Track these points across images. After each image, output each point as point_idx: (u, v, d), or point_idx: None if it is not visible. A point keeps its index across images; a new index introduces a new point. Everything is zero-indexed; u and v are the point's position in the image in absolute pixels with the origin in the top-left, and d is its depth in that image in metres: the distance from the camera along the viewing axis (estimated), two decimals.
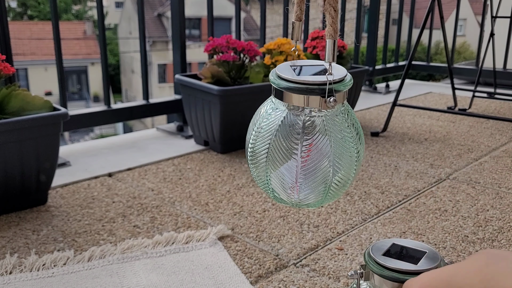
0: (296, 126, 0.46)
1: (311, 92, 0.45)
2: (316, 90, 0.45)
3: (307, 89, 0.45)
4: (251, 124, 0.51)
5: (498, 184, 1.27)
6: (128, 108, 1.69)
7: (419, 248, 0.49)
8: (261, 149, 0.48)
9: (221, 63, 1.49)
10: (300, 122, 0.46)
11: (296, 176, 0.47)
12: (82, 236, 0.98)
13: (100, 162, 1.42)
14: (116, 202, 1.14)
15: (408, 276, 0.46)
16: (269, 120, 0.48)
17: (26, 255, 0.90)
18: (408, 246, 0.50)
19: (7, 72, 1.05)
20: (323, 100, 0.45)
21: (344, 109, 0.48)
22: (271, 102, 0.49)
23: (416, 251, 0.49)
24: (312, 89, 0.45)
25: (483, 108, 2.20)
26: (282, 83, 0.46)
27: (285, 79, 0.46)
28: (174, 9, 1.73)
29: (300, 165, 0.47)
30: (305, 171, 0.47)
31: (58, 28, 1.47)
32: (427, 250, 0.49)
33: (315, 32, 1.80)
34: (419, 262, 0.47)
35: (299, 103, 0.46)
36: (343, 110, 0.48)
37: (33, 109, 1.06)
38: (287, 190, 0.49)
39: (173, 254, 0.90)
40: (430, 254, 0.48)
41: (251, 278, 0.84)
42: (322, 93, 0.45)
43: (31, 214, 1.07)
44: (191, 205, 1.13)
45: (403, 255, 0.49)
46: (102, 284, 0.81)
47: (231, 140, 1.51)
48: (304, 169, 0.47)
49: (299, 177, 0.47)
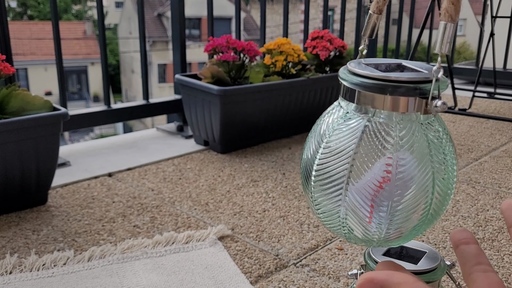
0: (386, 138, 0.35)
1: (409, 92, 0.35)
2: (416, 89, 0.35)
3: (405, 88, 0.35)
4: (312, 139, 0.39)
5: (498, 184, 1.27)
6: (128, 108, 1.69)
7: (419, 248, 0.49)
8: (335, 172, 0.36)
9: (221, 63, 1.49)
10: (392, 132, 0.35)
11: (389, 205, 0.36)
12: (82, 236, 0.98)
13: (100, 162, 1.42)
14: (116, 202, 1.14)
15: None
16: (344, 132, 0.36)
17: (26, 255, 0.90)
18: (408, 246, 0.50)
19: (7, 72, 1.05)
20: (424, 102, 0.34)
21: None
22: (339, 108, 0.38)
23: (416, 251, 0.49)
24: (410, 88, 0.34)
25: (483, 108, 2.20)
26: (366, 81, 0.35)
27: (368, 77, 0.35)
28: (174, 9, 1.73)
29: (395, 188, 0.35)
30: (400, 195, 0.35)
31: (58, 28, 1.47)
32: (427, 250, 0.49)
33: (315, 32, 1.80)
34: (419, 262, 0.47)
35: (389, 107, 0.35)
36: None
37: (33, 109, 1.06)
38: (372, 224, 0.37)
39: (173, 254, 0.90)
40: (430, 254, 0.48)
41: (251, 278, 0.84)
42: (421, 94, 0.35)
43: (31, 214, 1.07)
44: (191, 205, 1.13)
45: (403, 255, 0.49)
46: (102, 284, 0.81)
47: (231, 140, 1.51)
48: (399, 193, 0.35)
49: (393, 204, 0.36)
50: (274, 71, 1.62)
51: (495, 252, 0.93)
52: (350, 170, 0.35)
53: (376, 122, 0.35)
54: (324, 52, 1.73)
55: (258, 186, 1.24)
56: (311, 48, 1.77)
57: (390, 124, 0.35)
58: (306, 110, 1.69)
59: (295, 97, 1.62)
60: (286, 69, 1.64)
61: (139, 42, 1.73)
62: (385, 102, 0.34)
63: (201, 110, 1.49)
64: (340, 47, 1.78)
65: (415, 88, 0.34)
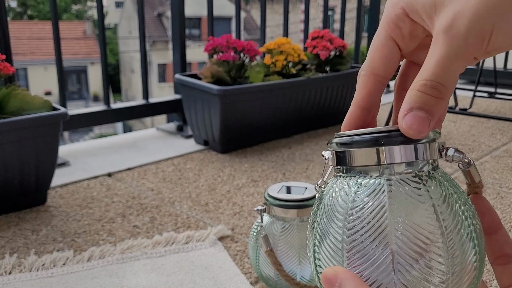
0: (420, 196, 0.27)
1: None
2: None
3: None
4: (323, 223, 0.30)
5: (499, 184, 1.27)
6: (127, 107, 1.69)
7: (301, 186, 0.78)
8: (368, 255, 0.27)
9: (221, 63, 1.49)
10: (421, 187, 0.28)
11: None
12: (81, 236, 0.98)
13: (100, 162, 1.42)
14: (115, 202, 1.14)
15: (295, 202, 0.73)
16: (366, 205, 0.28)
17: (25, 255, 0.90)
18: (293, 185, 0.78)
19: (7, 72, 1.04)
20: (436, 150, 0.29)
21: None
22: (341, 180, 0.30)
23: (299, 188, 0.77)
24: None
25: (483, 108, 2.20)
26: (370, 137, 0.28)
27: (365, 134, 0.28)
28: (174, 8, 1.73)
29: (450, 258, 0.27)
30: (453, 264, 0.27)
31: (58, 28, 1.47)
32: (307, 186, 0.78)
33: (315, 32, 1.79)
34: (304, 193, 0.76)
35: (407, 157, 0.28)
36: None
37: (33, 109, 1.06)
38: None
39: (173, 254, 0.90)
40: (309, 188, 0.77)
41: (251, 278, 0.83)
42: None
43: (30, 214, 1.07)
44: (191, 205, 1.12)
45: (291, 191, 0.77)
46: (102, 284, 0.81)
47: (231, 140, 1.51)
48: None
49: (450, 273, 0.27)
50: (274, 70, 1.62)
51: None
52: (395, 248, 0.27)
53: (398, 182, 0.28)
54: (324, 52, 1.72)
55: (258, 186, 1.24)
56: (311, 48, 1.76)
57: (410, 177, 0.29)
58: (306, 110, 1.69)
59: (295, 97, 1.62)
60: (286, 69, 1.63)
61: (139, 42, 1.73)
62: (406, 152, 0.28)
63: (201, 110, 1.49)
64: (340, 47, 1.78)
65: None
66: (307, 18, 2.22)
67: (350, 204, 0.28)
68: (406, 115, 0.25)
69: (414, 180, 0.28)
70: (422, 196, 0.27)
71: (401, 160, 0.28)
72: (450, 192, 0.28)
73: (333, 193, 0.30)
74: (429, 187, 0.28)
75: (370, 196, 0.28)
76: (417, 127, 0.25)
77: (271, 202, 0.75)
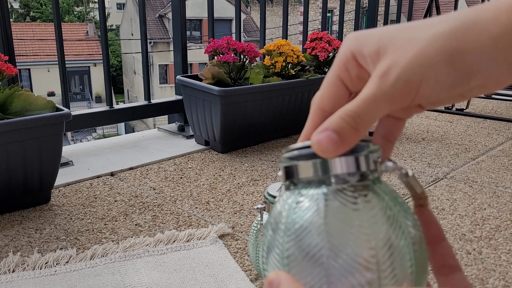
0: (356, 208, 0.28)
1: None
2: None
3: None
4: (269, 236, 0.30)
5: (495, 183, 1.29)
6: (130, 108, 1.70)
7: None
8: None
9: (221, 64, 1.51)
10: (358, 199, 0.28)
11: None
12: (84, 234, 0.99)
13: (102, 161, 1.43)
14: (118, 201, 1.15)
15: None
16: (301, 221, 0.28)
17: (29, 253, 0.92)
18: None
19: (10, 73, 1.06)
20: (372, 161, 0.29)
21: None
22: (287, 193, 0.31)
23: None
24: None
25: (480, 108, 2.21)
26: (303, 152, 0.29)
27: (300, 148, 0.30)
28: (175, 10, 1.75)
29: None
30: None
31: (61, 29, 1.49)
32: None
33: (314, 34, 1.81)
34: None
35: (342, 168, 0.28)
36: None
37: (36, 110, 1.08)
38: None
39: (175, 252, 0.92)
40: None
41: (251, 275, 0.85)
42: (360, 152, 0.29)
43: (34, 213, 1.09)
44: (192, 204, 1.14)
45: None
46: (104, 282, 0.82)
47: (231, 140, 1.52)
48: None
49: None
50: (274, 72, 1.64)
51: (492, 251, 0.94)
52: None
53: (338, 193, 0.28)
54: (323, 53, 1.74)
55: (258, 185, 1.25)
56: (310, 49, 1.78)
57: (345, 186, 0.29)
58: (306, 110, 1.70)
59: (295, 97, 1.64)
60: (285, 70, 1.65)
61: (141, 43, 1.75)
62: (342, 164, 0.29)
63: (202, 111, 1.50)
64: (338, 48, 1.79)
65: None
66: (306, 20, 2.23)
67: (289, 218, 0.29)
68: (321, 132, 0.28)
69: (351, 192, 0.28)
70: (358, 207, 0.28)
71: (339, 171, 0.28)
72: (389, 204, 0.29)
73: (279, 205, 0.31)
74: (367, 199, 0.28)
75: (305, 211, 0.28)
76: (325, 144, 0.27)
77: (270, 200, 0.77)
